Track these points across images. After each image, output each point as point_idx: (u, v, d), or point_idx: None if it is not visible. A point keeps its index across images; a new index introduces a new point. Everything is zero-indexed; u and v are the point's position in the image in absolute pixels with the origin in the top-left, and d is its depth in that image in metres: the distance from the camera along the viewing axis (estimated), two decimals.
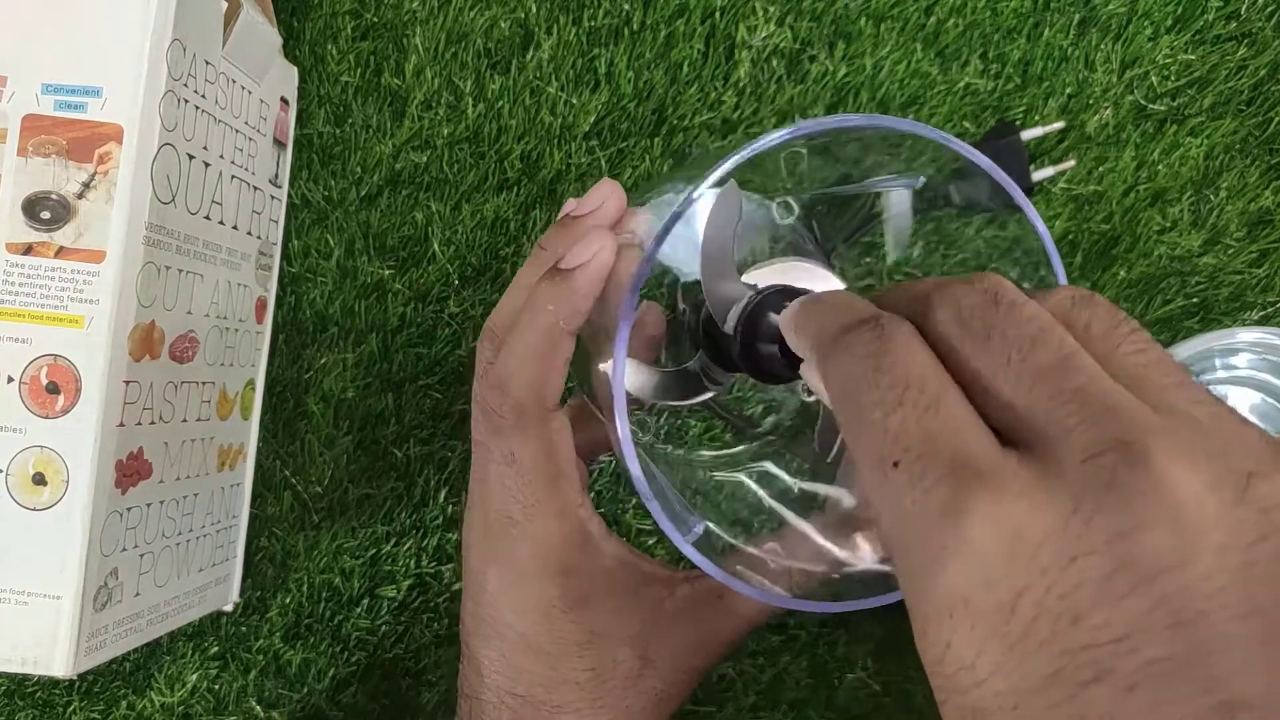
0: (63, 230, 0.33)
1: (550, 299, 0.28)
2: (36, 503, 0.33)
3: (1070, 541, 0.17)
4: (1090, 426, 0.18)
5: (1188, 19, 0.46)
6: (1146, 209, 0.45)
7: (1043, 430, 0.19)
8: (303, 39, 0.47)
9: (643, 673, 0.31)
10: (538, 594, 0.30)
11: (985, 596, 0.18)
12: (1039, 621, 0.17)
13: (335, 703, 0.45)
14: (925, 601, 0.19)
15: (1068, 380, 0.19)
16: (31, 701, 0.45)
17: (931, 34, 0.46)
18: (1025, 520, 0.18)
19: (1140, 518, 0.17)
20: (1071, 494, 0.18)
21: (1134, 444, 0.18)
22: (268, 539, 0.46)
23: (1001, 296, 0.20)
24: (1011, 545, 0.18)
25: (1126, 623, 0.17)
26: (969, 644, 0.18)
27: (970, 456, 0.19)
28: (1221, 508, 0.17)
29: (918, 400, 0.20)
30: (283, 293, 0.46)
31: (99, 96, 0.33)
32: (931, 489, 0.19)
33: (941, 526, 0.18)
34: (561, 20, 0.46)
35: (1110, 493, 0.17)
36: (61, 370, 0.33)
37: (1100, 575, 0.17)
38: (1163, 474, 0.17)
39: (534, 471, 0.29)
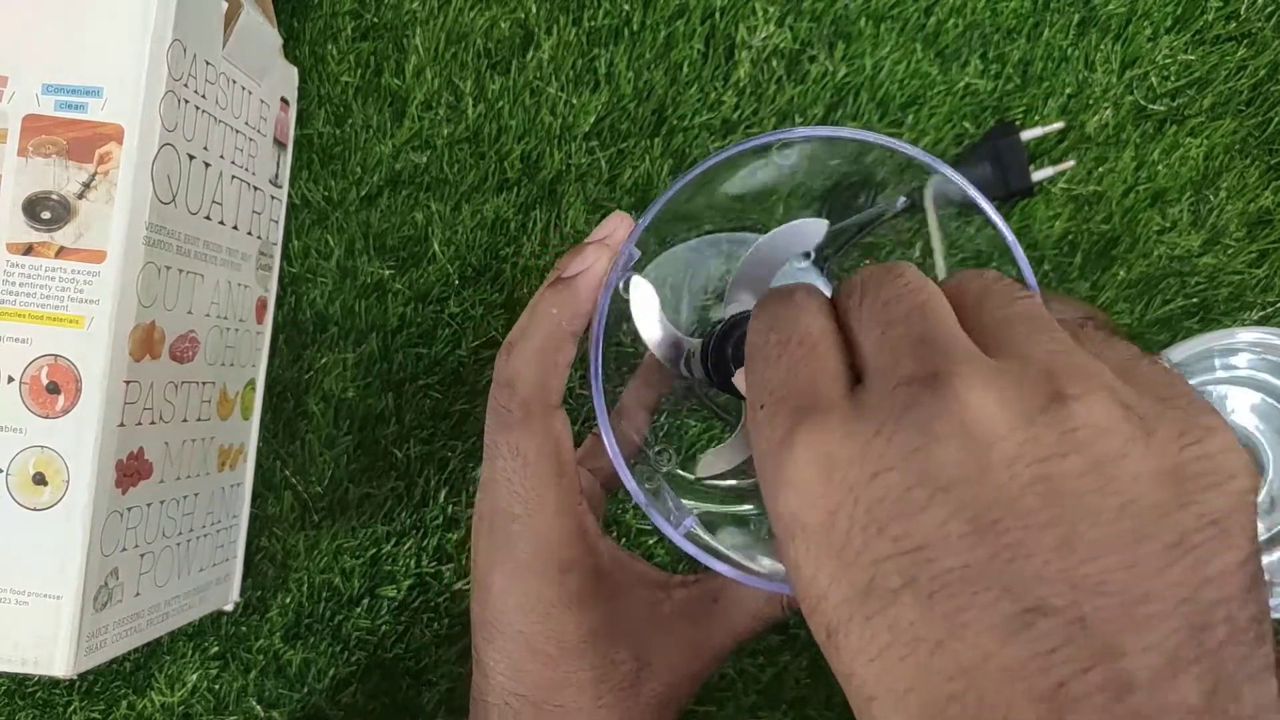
0: (63, 230, 0.33)
1: (553, 303, 0.30)
2: (37, 503, 0.33)
3: (872, 460, 0.19)
4: (910, 361, 0.20)
5: (1187, 19, 0.46)
6: (1146, 209, 0.45)
7: (874, 368, 0.21)
8: (303, 39, 0.47)
9: (640, 675, 0.31)
10: (537, 590, 0.30)
11: (810, 515, 0.20)
12: (853, 534, 0.19)
13: (335, 702, 0.45)
14: (777, 525, 0.21)
15: (911, 325, 0.21)
16: (32, 701, 0.45)
17: (931, 34, 0.46)
18: (837, 445, 0.20)
19: (933, 434, 0.19)
20: (878, 418, 0.19)
21: (939, 372, 0.19)
22: (268, 539, 0.46)
23: (895, 267, 0.22)
24: (825, 467, 0.20)
25: (924, 533, 0.18)
26: (808, 560, 0.20)
27: (814, 397, 0.21)
28: (1014, 425, 0.18)
29: (794, 353, 0.22)
30: (283, 293, 0.46)
31: (99, 97, 0.33)
32: (778, 425, 0.21)
33: (779, 457, 0.20)
34: (561, 20, 0.46)
35: (909, 414, 0.19)
36: (62, 370, 0.33)
37: (900, 489, 0.18)
38: (957, 395, 0.19)
39: (537, 465, 0.30)
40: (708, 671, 0.33)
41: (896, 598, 0.18)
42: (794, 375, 0.22)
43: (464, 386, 0.45)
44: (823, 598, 0.19)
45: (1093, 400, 0.18)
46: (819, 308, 0.23)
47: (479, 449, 0.45)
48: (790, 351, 0.22)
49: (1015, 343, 0.20)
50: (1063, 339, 0.20)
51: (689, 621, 0.32)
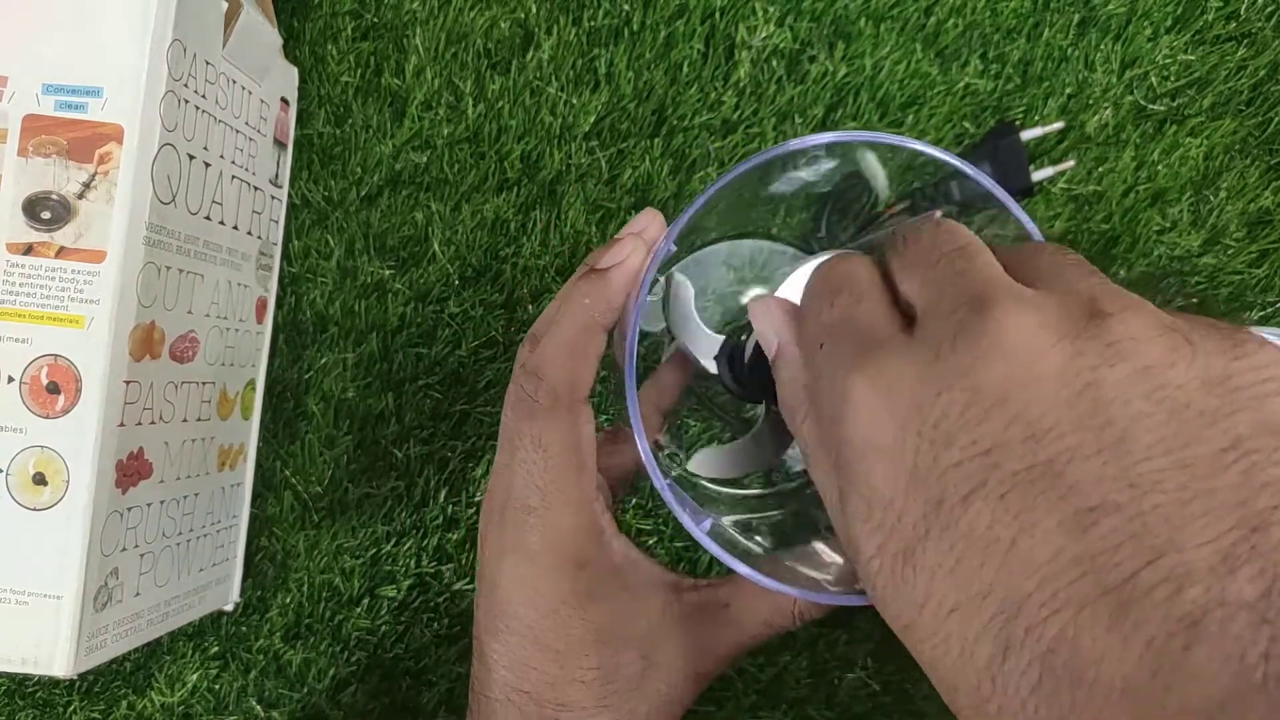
0: (63, 230, 0.33)
1: (586, 294, 0.30)
2: (37, 503, 0.33)
3: (932, 381, 0.20)
4: (955, 292, 0.22)
5: (1187, 19, 0.46)
6: (1146, 209, 0.45)
7: (924, 303, 0.22)
8: (303, 39, 0.47)
9: (647, 675, 0.31)
10: (549, 585, 0.30)
11: (880, 435, 0.21)
12: (921, 448, 0.20)
13: (335, 702, 0.45)
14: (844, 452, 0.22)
15: (955, 265, 0.22)
16: (32, 701, 0.45)
17: (931, 34, 0.46)
18: (899, 370, 0.21)
19: (984, 353, 0.20)
20: (933, 344, 0.21)
21: (984, 298, 0.21)
22: (268, 539, 0.46)
23: (938, 219, 0.24)
24: (890, 390, 0.21)
25: (989, 438, 0.19)
26: (883, 478, 0.21)
27: (872, 333, 0.23)
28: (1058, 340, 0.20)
29: (845, 298, 0.24)
30: (283, 293, 0.46)
31: (99, 97, 0.33)
32: (840, 359, 0.23)
33: (844, 385, 0.22)
34: (561, 21, 0.46)
35: (960, 337, 0.21)
36: (62, 370, 0.33)
37: (961, 404, 0.20)
38: (1001, 316, 0.20)
39: (560, 458, 0.30)
40: (713, 676, 0.33)
41: (969, 503, 0.19)
42: (849, 316, 0.23)
43: (464, 387, 0.45)
44: (900, 515, 0.20)
45: (1132, 315, 0.20)
46: (865, 262, 0.25)
47: (479, 449, 0.45)
48: (843, 298, 0.24)
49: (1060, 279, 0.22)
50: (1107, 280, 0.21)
51: (698, 625, 0.32)
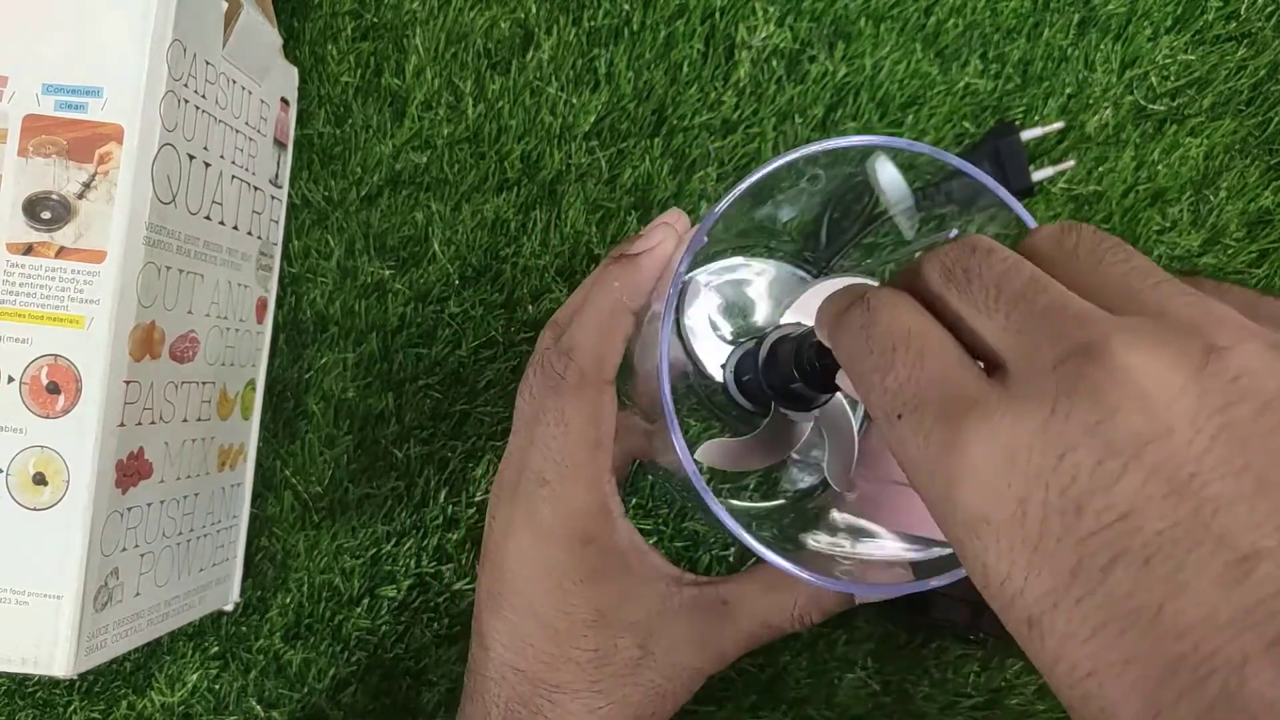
0: (63, 230, 0.33)
1: (616, 277, 0.31)
2: (37, 503, 0.33)
3: (1054, 441, 0.19)
4: (1057, 337, 0.20)
5: (1187, 19, 0.46)
6: (1146, 209, 0.45)
7: (1018, 352, 0.21)
8: (303, 39, 0.47)
9: (641, 663, 0.31)
10: (555, 560, 0.31)
11: (997, 510, 0.19)
12: (1049, 521, 0.19)
13: (335, 702, 0.45)
14: (954, 530, 0.20)
15: (1036, 302, 0.21)
16: (32, 701, 0.45)
17: (931, 34, 0.46)
18: (1012, 433, 0.19)
19: (1110, 405, 0.18)
20: (1047, 400, 0.19)
21: (1094, 343, 0.19)
22: (268, 539, 0.46)
23: (979, 245, 0.22)
24: (1006, 457, 0.19)
25: (1126, 500, 0.18)
26: (1000, 557, 0.19)
27: (958, 393, 0.21)
28: (1186, 381, 0.18)
29: (905, 357, 0.22)
30: (283, 293, 0.46)
31: (99, 97, 0.33)
32: (931, 431, 0.21)
33: (947, 461, 0.20)
34: (561, 21, 0.46)
35: (1079, 389, 0.19)
36: (62, 370, 0.33)
37: (1090, 464, 0.18)
38: (1123, 363, 0.19)
39: (580, 434, 0.30)
40: (708, 672, 0.33)
41: (1108, 573, 0.18)
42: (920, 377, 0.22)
43: (464, 387, 0.45)
44: (1019, 593, 0.19)
45: (1246, 347, 0.19)
46: (907, 303, 0.23)
47: (479, 449, 0.45)
48: (900, 356, 0.22)
49: (1144, 300, 0.20)
50: (1186, 289, 0.20)
51: (697, 619, 0.32)
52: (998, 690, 0.44)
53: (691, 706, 0.45)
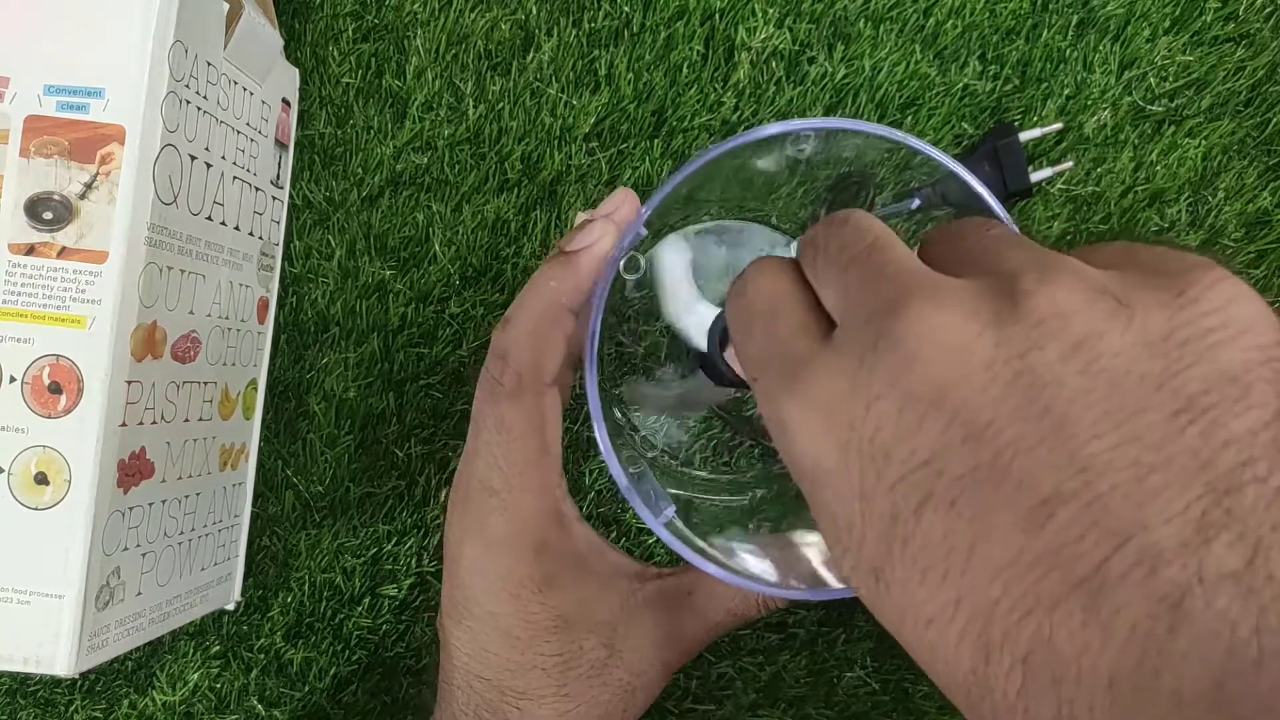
0: (65, 231, 0.33)
1: (552, 276, 0.30)
2: (38, 502, 0.33)
3: (861, 392, 0.20)
4: (871, 296, 0.21)
5: (1186, 20, 0.46)
6: (1144, 210, 0.45)
7: (842, 311, 0.22)
8: (304, 41, 0.47)
9: (609, 663, 0.31)
10: (509, 570, 0.30)
11: (825, 459, 0.20)
12: (864, 467, 0.19)
13: (336, 701, 0.45)
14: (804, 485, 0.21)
15: (868, 265, 0.21)
16: (33, 700, 0.45)
17: (930, 35, 0.46)
18: (829, 388, 0.20)
19: (907, 356, 0.19)
20: (855, 354, 0.20)
21: (899, 298, 0.20)
22: (269, 538, 0.46)
23: (838, 217, 0.23)
24: (824, 411, 0.20)
25: (927, 447, 0.19)
26: (839, 503, 0.20)
27: (794, 353, 0.22)
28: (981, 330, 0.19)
29: (762, 323, 0.23)
30: (284, 293, 0.46)
31: (101, 97, 0.33)
32: (774, 391, 0.22)
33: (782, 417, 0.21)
34: (562, 22, 0.46)
35: (882, 343, 0.20)
36: (64, 370, 0.33)
37: (893, 412, 0.19)
38: (921, 314, 0.19)
39: (521, 442, 0.30)
40: (679, 664, 0.32)
41: (920, 515, 0.19)
42: (770, 340, 0.23)
43: (465, 386, 0.45)
44: (862, 540, 0.20)
45: (1053, 289, 0.19)
46: (777, 269, 0.24)
47: None
48: (760, 319, 0.23)
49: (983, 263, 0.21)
50: (1032, 248, 0.21)
51: (662, 612, 0.31)
52: None
53: (691, 705, 0.45)
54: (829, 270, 0.22)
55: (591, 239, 0.29)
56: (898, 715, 0.44)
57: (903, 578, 0.19)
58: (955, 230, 0.23)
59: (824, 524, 0.21)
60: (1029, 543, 0.17)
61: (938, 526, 0.18)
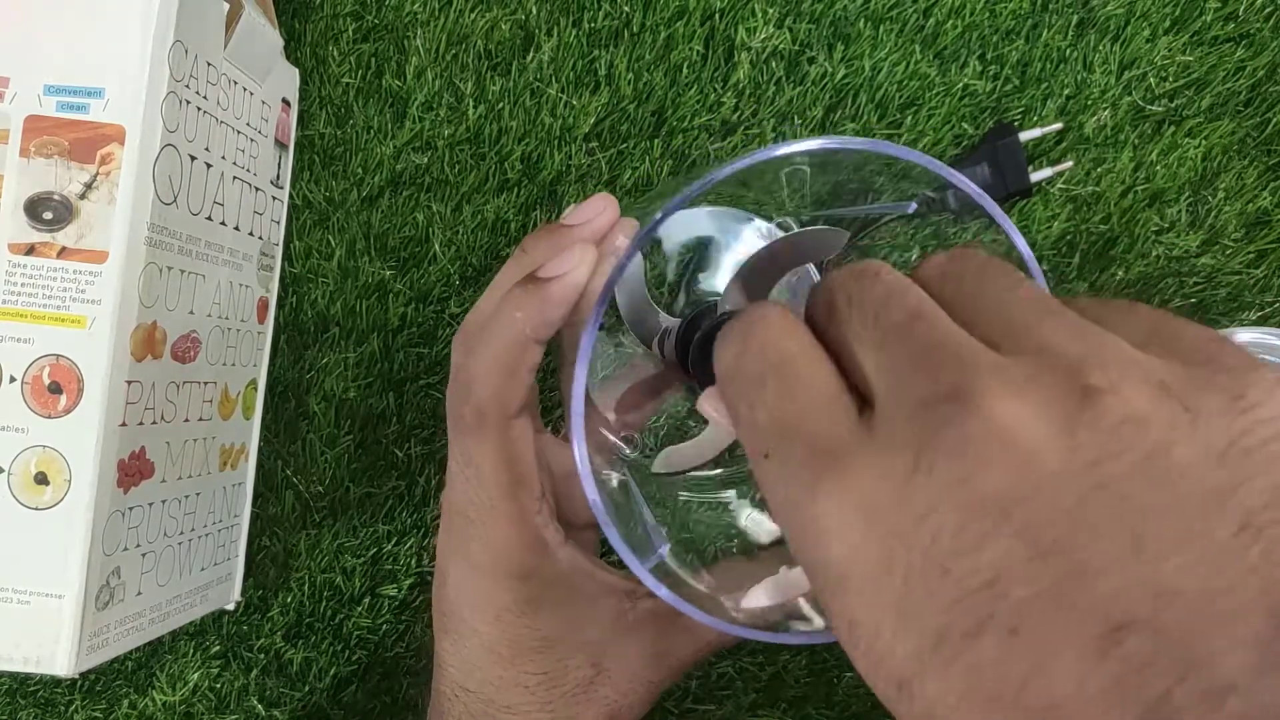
0: (65, 231, 0.33)
1: (519, 306, 0.28)
2: (39, 502, 0.33)
3: (916, 499, 0.17)
4: (924, 377, 0.18)
5: (1186, 20, 0.46)
6: (1144, 210, 0.45)
7: (886, 392, 0.19)
8: (304, 41, 0.47)
9: (595, 681, 0.30)
10: (490, 595, 0.30)
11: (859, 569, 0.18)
12: (912, 584, 0.17)
13: (336, 701, 0.45)
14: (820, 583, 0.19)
15: (912, 336, 0.19)
16: (33, 700, 0.45)
17: (930, 35, 0.46)
18: (874, 488, 0.18)
19: (974, 460, 0.17)
20: (909, 452, 0.18)
21: (962, 388, 0.18)
22: (269, 538, 0.46)
23: (867, 269, 0.21)
24: (867, 515, 0.18)
25: (991, 566, 0.17)
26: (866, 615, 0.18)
27: (823, 436, 0.19)
28: (1057, 432, 0.17)
29: (776, 387, 0.20)
30: (284, 293, 0.46)
31: (101, 97, 0.33)
32: (795, 477, 0.19)
33: (810, 510, 0.19)
34: (562, 22, 0.46)
35: (943, 441, 0.17)
36: (64, 370, 0.33)
37: (954, 526, 0.17)
38: (989, 412, 0.17)
39: (490, 477, 0.29)
40: (669, 682, 0.32)
41: (974, 640, 0.17)
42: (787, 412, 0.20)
43: None
44: (889, 654, 0.18)
45: (1125, 389, 0.17)
46: (788, 323, 0.21)
47: None
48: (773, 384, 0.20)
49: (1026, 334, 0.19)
50: (1074, 320, 0.19)
51: (653, 631, 0.31)
52: None
53: (691, 705, 0.45)
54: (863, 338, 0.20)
55: (567, 266, 0.27)
56: None
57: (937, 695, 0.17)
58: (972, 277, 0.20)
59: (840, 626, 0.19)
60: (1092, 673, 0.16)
61: (990, 653, 0.17)
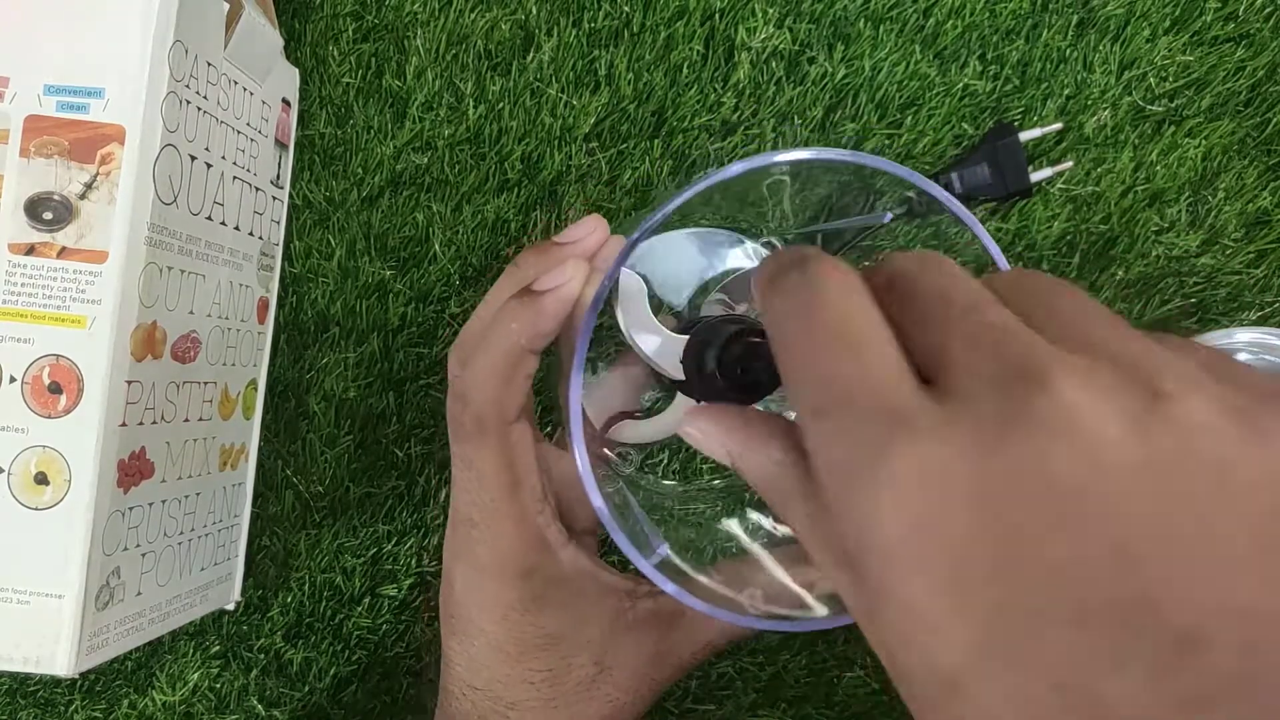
0: (65, 231, 0.33)
1: (515, 318, 0.29)
2: (39, 502, 0.33)
3: (987, 475, 0.17)
4: (997, 357, 0.18)
5: (1186, 20, 0.46)
6: (1144, 210, 0.45)
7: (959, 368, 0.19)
8: (304, 41, 0.47)
9: (598, 679, 0.31)
10: (496, 595, 0.30)
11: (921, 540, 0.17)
12: (976, 559, 0.17)
13: (336, 701, 0.45)
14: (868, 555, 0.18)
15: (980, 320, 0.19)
16: (33, 700, 0.45)
17: (930, 35, 0.46)
18: (944, 458, 0.17)
19: (1047, 444, 0.17)
20: (983, 427, 0.17)
21: (1036, 369, 0.17)
22: (269, 538, 0.46)
23: (932, 256, 0.21)
24: (934, 485, 0.17)
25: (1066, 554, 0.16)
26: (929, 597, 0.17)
27: (890, 402, 0.19)
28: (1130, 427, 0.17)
29: (845, 350, 0.20)
30: (284, 293, 0.46)
31: (101, 97, 0.33)
32: (858, 438, 0.18)
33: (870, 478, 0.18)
34: (562, 22, 0.46)
35: (1019, 420, 0.17)
36: (64, 370, 0.33)
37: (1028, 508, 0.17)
38: (1064, 398, 0.17)
39: (492, 479, 0.30)
40: (671, 681, 0.32)
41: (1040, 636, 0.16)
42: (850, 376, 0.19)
43: None
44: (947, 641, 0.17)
45: (1195, 398, 0.17)
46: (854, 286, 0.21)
47: None
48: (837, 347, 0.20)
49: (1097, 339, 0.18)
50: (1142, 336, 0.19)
51: (654, 630, 0.32)
52: None
53: (691, 705, 0.45)
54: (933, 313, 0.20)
55: (561, 280, 0.28)
56: (898, 715, 0.44)
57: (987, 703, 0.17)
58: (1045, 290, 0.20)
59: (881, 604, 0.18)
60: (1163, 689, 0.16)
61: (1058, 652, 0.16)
